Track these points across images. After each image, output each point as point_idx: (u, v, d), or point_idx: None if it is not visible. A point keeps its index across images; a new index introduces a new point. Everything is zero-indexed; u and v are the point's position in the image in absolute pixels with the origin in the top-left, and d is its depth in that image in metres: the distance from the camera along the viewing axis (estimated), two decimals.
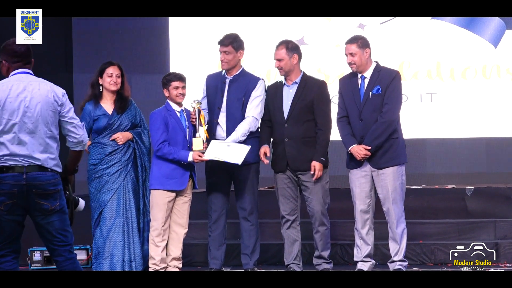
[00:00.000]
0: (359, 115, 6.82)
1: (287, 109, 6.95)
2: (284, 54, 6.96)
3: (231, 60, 7.02)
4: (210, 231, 7.09)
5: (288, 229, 7.05)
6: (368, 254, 6.91)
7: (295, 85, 6.98)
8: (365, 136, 6.77)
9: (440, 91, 9.21)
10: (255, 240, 7.07)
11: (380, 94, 6.80)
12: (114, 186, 6.77)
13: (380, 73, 6.85)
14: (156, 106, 7.12)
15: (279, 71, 7.02)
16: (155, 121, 6.85)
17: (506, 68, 9.18)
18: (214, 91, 7.08)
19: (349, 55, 6.85)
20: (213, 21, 9.05)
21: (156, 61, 9.42)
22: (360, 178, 6.87)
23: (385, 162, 6.80)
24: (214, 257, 7.07)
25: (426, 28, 9.18)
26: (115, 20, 9.28)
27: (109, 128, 6.83)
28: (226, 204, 7.09)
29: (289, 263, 7.08)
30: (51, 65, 9.58)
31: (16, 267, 5.18)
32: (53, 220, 5.15)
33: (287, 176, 6.99)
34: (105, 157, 6.81)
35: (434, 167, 9.17)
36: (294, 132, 6.91)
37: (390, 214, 6.84)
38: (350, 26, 9.23)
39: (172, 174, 6.80)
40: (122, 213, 6.75)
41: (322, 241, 7.00)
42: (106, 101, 6.89)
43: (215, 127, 7.04)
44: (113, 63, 6.90)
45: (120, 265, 6.70)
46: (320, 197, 6.93)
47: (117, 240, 6.73)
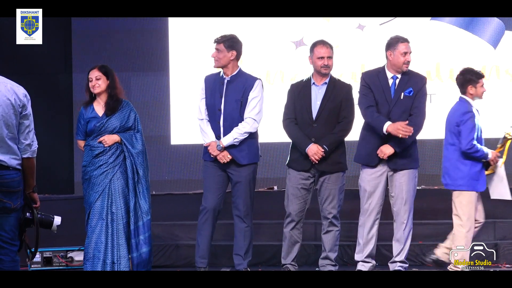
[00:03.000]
0: (388, 113, 6.87)
1: (316, 108, 6.97)
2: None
3: (221, 58, 7.02)
4: (200, 229, 7.09)
5: (292, 230, 7.05)
6: (370, 254, 6.94)
7: (325, 85, 7.02)
8: (392, 136, 6.81)
9: (440, 92, 9.20)
10: (249, 241, 7.09)
11: (411, 96, 6.89)
12: (100, 188, 6.75)
13: (410, 76, 6.95)
14: (156, 106, 7.12)
15: (326, 69, 7.00)
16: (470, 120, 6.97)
17: (505, 69, 9.19)
18: (212, 93, 7.08)
19: (409, 54, 6.92)
20: (213, 21, 9.04)
21: (156, 61, 9.42)
22: (375, 177, 6.93)
23: (403, 164, 6.90)
24: (201, 256, 7.08)
25: (425, 29, 9.19)
26: (115, 20, 9.27)
27: (97, 131, 6.82)
28: (220, 205, 7.10)
29: (286, 264, 7.08)
30: (51, 65, 9.59)
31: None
32: (11, 218, 5.14)
33: (303, 177, 7.00)
34: (92, 159, 6.80)
35: (434, 168, 9.14)
36: (322, 132, 6.94)
37: (400, 215, 6.91)
38: (350, 26, 9.24)
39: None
40: (105, 215, 6.72)
41: (331, 242, 7.03)
42: (98, 103, 6.88)
43: (218, 129, 7.06)
44: (95, 67, 6.84)
45: (101, 267, 6.67)
46: (336, 199, 6.99)
47: (98, 242, 6.70)
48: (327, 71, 7.01)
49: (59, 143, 9.56)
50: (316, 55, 6.99)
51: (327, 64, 6.97)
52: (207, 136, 7.07)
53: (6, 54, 9.13)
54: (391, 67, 6.96)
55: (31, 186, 5.28)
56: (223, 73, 7.07)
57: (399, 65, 6.91)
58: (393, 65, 6.94)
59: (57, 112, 9.55)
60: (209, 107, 7.09)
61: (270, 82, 9.15)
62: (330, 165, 6.97)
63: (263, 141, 7.72)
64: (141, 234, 6.81)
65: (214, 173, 7.08)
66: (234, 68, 7.07)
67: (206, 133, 7.08)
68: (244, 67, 7.20)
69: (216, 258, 7.73)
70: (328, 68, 7.00)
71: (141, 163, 6.83)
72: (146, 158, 6.90)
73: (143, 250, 6.81)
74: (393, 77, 6.94)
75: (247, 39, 8.36)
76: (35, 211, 5.31)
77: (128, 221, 6.79)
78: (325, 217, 7.04)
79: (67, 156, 9.56)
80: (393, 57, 6.92)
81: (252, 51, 9.20)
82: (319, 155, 6.89)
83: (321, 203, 7.04)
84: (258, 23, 9.23)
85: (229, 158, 6.99)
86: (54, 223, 5.50)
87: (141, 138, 6.89)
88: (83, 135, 6.88)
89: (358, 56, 9.21)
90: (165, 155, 9.37)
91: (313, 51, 7.03)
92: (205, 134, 7.09)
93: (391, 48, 6.94)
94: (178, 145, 9.35)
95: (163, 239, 8.06)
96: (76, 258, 7.70)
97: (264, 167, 8.78)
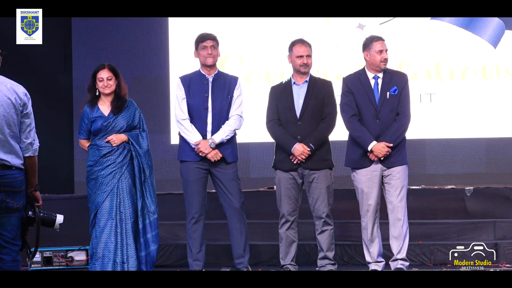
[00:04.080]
0: (376, 115, 6.90)
1: (299, 107, 7.00)
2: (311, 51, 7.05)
3: (216, 55, 7.07)
4: (191, 232, 7.09)
5: (288, 230, 7.06)
6: (379, 253, 6.99)
7: (305, 84, 7.04)
8: (381, 135, 6.86)
9: (440, 92, 9.21)
10: (246, 237, 7.11)
11: (396, 95, 6.92)
12: (108, 188, 6.76)
13: (391, 74, 7.01)
14: (156, 106, 7.12)
15: (305, 68, 7.02)
16: None
17: (505, 69, 9.18)
18: (194, 92, 7.09)
19: (385, 51, 6.97)
20: (213, 21, 9.04)
21: (156, 61, 9.42)
22: (370, 178, 6.94)
23: (396, 161, 6.92)
24: (196, 259, 7.09)
25: (425, 29, 9.19)
26: (115, 20, 9.28)
27: (104, 130, 6.82)
28: (205, 205, 7.11)
29: (286, 264, 7.09)
30: (51, 65, 9.59)
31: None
32: (13, 217, 5.15)
33: (292, 177, 7.01)
34: (100, 158, 6.80)
35: (433, 167, 9.17)
36: (307, 129, 6.96)
37: (397, 212, 6.92)
38: (350, 26, 9.24)
39: None
40: (114, 215, 6.73)
41: (327, 241, 7.03)
42: (103, 102, 6.87)
43: (204, 128, 7.05)
44: (104, 66, 6.84)
45: (111, 266, 6.68)
46: (326, 197, 6.99)
47: (108, 241, 6.71)
48: (307, 70, 7.04)
49: (59, 143, 9.56)
50: (295, 54, 7.03)
51: (306, 62, 7.01)
52: (193, 135, 7.05)
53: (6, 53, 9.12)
54: (370, 67, 7.02)
55: (33, 185, 5.28)
56: (204, 72, 7.08)
57: (377, 63, 6.97)
58: (371, 65, 6.99)
59: (57, 111, 9.56)
60: (193, 107, 7.08)
61: (270, 81, 9.15)
62: (317, 162, 6.98)
63: (263, 140, 7.74)
64: (148, 232, 6.84)
65: (197, 175, 7.07)
66: (215, 66, 7.13)
67: (192, 132, 7.06)
68: (244, 67, 7.25)
69: (215, 258, 7.74)
70: (308, 67, 7.03)
71: (147, 163, 6.85)
72: (151, 158, 6.92)
73: (151, 249, 6.84)
74: (375, 77, 7.00)
75: (247, 39, 8.45)
76: (37, 210, 5.31)
77: (136, 220, 6.80)
78: (318, 217, 7.03)
79: (67, 156, 9.57)
80: (370, 57, 6.98)
81: (252, 51, 9.21)
82: (305, 154, 6.91)
83: (312, 203, 7.04)
84: (258, 22, 9.22)
85: (220, 156, 7.00)
86: (57, 222, 5.49)
87: (146, 137, 6.92)
88: (86, 135, 6.88)
89: (358, 56, 9.17)
90: (166, 154, 9.37)
91: (292, 50, 7.06)
92: (191, 133, 7.05)
93: (367, 48, 7.02)
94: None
95: (164, 239, 8.05)
96: (76, 258, 7.71)
97: (263, 166, 8.79)
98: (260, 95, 7.70)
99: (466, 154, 9.19)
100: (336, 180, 7.27)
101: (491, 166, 9.20)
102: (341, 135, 7.19)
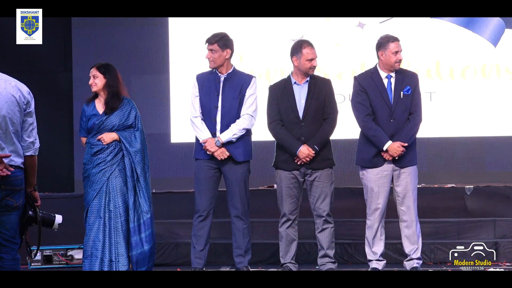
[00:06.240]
0: (391, 115, 6.93)
1: (301, 107, 7.01)
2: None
3: (217, 58, 7.06)
4: (196, 230, 7.10)
5: (288, 229, 7.07)
6: (382, 253, 7.01)
7: (306, 83, 7.05)
8: (395, 135, 6.89)
9: (440, 90, 9.21)
10: (249, 239, 7.11)
11: (410, 94, 6.96)
12: (98, 186, 6.75)
13: (404, 74, 7.04)
14: (156, 106, 7.13)
15: (313, 70, 7.04)
16: None
17: (505, 67, 9.18)
18: (207, 91, 7.10)
19: (400, 52, 6.98)
20: (213, 21, 9.03)
21: (156, 61, 9.42)
22: (381, 177, 6.95)
23: (408, 161, 6.96)
24: (198, 257, 7.09)
25: (425, 27, 9.18)
26: (115, 20, 9.28)
27: (97, 128, 6.82)
28: (213, 203, 7.11)
29: (286, 263, 7.09)
30: (51, 65, 9.59)
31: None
32: (13, 216, 5.15)
33: (293, 175, 7.02)
34: (91, 157, 6.81)
35: (433, 166, 9.16)
36: (311, 130, 6.98)
37: (409, 213, 6.96)
38: (350, 25, 9.23)
39: None
40: (103, 213, 6.73)
41: (327, 239, 7.05)
42: (99, 101, 6.89)
43: (213, 126, 7.06)
44: (94, 65, 6.85)
45: (99, 265, 6.67)
46: (328, 196, 7.02)
47: (96, 240, 6.70)
48: (313, 72, 7.08)
49: (59, 142, 9.57)
50: (305, 57, 7.00)
51: (315, 65, 7.05)
52: (203, 133, 7.07)
53: (6, 53, 9.14)
54: (384, 67, 7.01)
55: (32, 185, 5.28)
56: (218, 71, 7.09)
57: (391, 64, 6.97)
58: (386, 65, 6.99)
59: (57, 110, 9.57)
60: (204, 105, 7.10)
61: (270, 80, 9.14)
62: (319, 161, 7.01)
63: (263, 139, 7.74)
64: (142, 232, 6.82)
65: (207, 174, 7.08)
66: (229, 66, 7.11)
67: (202, 130, 7.08)
68: (244, 65, 7.24)
69: (215, 256, 7.75)
70: (315, 69, 7.08)
71: (139, 162, 6.81)
72: (146, 157, 6.88)
73: (145, 248, 6.81)
74: (387, 76, 7.01)
75: (247, 37, 8.44)
76: (37, 209, 5.32)
77: (127, 219, 6.79)
78: (319, 215, 7.05)
79: (67, 154, 9.57)
80: (385, 57, 6.97)
81: (252, 50, 9.21)
82: (310, 157, 6.93)
83: (313, 202, 7.05)
84: (258, 21, 9.22)
85: (227, 155, 7.00)
86: (56, 222, 5.51)
87: (140, 137, 6.86)
88: (85, 132, 6.89)
89: (358, 55, 9.20)
90: (165, 153, 9.38)
91: (302, 52, 7.02)
92: (200, 131, 7.08)
93: (382, 48, 7.00)
94: (178, 143, 9.35)
95: (163, 238, 8.07)
96: (76, 257, 7.72)
97: (264, 165, 8.77)
98: (260, 94, 7.65)
99: (466, 153, 9.19)
100: (336, 179, 7.27)
101: (491, 165, 9.20)
102: (341, 135, 7.19)
